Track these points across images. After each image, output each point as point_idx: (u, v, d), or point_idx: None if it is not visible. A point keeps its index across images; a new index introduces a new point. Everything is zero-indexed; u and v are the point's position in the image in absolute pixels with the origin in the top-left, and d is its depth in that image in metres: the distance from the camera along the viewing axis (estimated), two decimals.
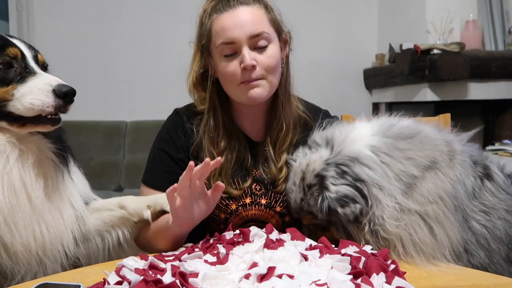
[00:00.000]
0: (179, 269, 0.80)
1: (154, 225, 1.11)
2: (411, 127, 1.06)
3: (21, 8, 3.71)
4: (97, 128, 3.65)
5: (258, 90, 1.11)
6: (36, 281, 0.87)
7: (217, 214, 1.22)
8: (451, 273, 0.91)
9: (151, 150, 1.26)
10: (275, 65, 1.12)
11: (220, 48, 1.10)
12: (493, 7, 3.26)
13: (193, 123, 1.22)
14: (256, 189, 1.22)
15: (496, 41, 3.25)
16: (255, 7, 1.11)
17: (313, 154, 1.06)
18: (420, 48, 2.90)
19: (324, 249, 0.92)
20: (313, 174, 1.03)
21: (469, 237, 0.99)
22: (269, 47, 1.11)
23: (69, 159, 1.11)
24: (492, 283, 0.87)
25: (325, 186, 1.00)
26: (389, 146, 1.01)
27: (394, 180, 0.97)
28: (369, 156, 0.99)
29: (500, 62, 2.94)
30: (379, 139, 1.02)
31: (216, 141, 1.18)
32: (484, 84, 3.01)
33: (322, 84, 3.91)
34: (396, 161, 0.99)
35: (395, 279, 0.78)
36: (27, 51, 1.02)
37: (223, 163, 1.17)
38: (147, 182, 1.24)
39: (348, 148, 1.01)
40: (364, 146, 1.00)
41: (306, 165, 1.06)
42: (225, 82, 1.15)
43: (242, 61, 1.08)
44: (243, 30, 1.08)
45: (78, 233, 1.08)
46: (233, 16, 1.09)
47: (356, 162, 0.99)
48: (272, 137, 1.21)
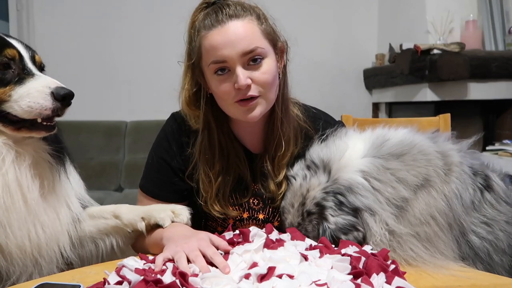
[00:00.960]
0: (179, 269, 0.80)
1: (149, 239, 1.07)
2: (404, 142, 1.05)
3: (21, 8, 3.71)
4: (97, 128, 3.65)
5: (255, 111, 1.05)
6: (35, 281, 0.87)
7: (214, 227, 1.22)
8: (451, 273, 0.91)
9: (149, 155, 1.22)
10: (271, 81, 1.05)
11: (212, 67, 1.04)
12: (493, 7, 3.25)
13: (189, 137, 1.16)
14: (254, 204, 1.19)
15: (496, 41, 3.25)
16: (246, 20, 1.03)
17: (313, 178, 1.05)
18: (420, 48, 2.89)
19: (324, 249, 0.92)
20: (313, 203, 1.03)
21: (467, 251, 0.99)
22: (264, 62, 1.04)
23: (65, 160, 1.11)
24: (492, 283, 0.87)
25: (324, 216, 1.01)
26: (380, 168, 1.01)
27: (386, 205, 0.98)
28: (360, 184, 0.99)
29: (500, 62, 2.94)
30: (369, 162, 1.02)
31: (212, 162, 1.13)
32: (484, 84, 3.01)
33: (322, 84, 3.91)
34: (387, 186, 0.99)
35: (395, 279, 0.78)
36: (25, 52, 1.02)
37: (220, 185, 1.14)
38: (144, 189, 1.22)
39: (343, 175, 1.02)
40: (356, 173, 1.01)
41: (307, 191, 1.05)
42: (220, 101, 1.09)
43: (236, 81, 1.01)
44: (235, 48, 1.00)
45: (74, 234, 1.08)
46: (223, 33, 1.01)
47: (350, 192, 1.00)
48: (270, 152, 1.16)
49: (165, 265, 0.86)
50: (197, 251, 0.87)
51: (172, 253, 0.89)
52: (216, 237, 0.96)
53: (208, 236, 0.95)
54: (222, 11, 1.03)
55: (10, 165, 0.95)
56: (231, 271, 0.83)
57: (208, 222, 1.22)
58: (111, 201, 3.16)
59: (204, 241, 0.91)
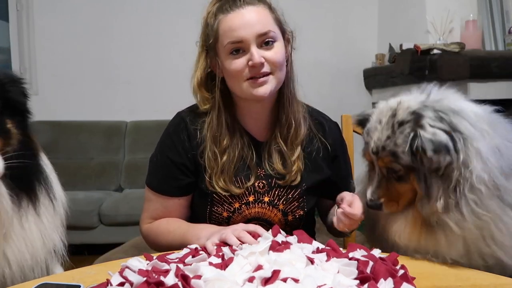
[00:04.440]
0: (181, 272, 0.79)
1: (171, 237, 1.18)
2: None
3: (21, 8, 3.71)
4: (97, 128, 3.65)
5: (265, 87, 1.13)
6: (35, 281, 0.87)
7: (220, 212, 1.22)
8: (451, 273, 0.91)
9: (154, 152, 1.27)
10: (281, 61, 1.15)
11: (228, 47, 1.12)
12: (493, 7, 3.25)
13: (197, 124, 1.23)
14: (259, 187, 1.23)
15: (496, 41, 3.24)
16: (260, 7, 1.14)
17: (405, 96, 1.00)
18: (420, 48, 2.89)
19: (331, 252, 0.90)
20: (408, 111, 0.95)
21: None
22: (275, 45, 1.14)
23: (35, 197, 1.02)
24: (492, 283, 0.87)
25: (421, 124, 0.92)
26: (491, 124, 0.95)
27: (492, 153, 0.89)
28: (472, 113, 0.92)
29: (500, 62, 2.93)
30: (485, 112, 0.97)
31: (219, 139, 1.20)
32: (484, 84, 3.00)
33: (322, 84, 3.91)
34: (497, 136, 0.92)
35: (403, 285, 0.76)
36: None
37: (225, 161, 1.18)
38: (152, 186, 1.25)
39: (450, 100, 0.94)
40: (468, 105, 0.96)
41: (398, 103, 0.99)
42: (231, 79, 1.16)
43: (250, 59, 1.10)
44: (251, 30, 1.10)
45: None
46: (240, 16, 1.11)
47: (457, 115, 0.91)
48: (282, 133, 1.22)
49: (169, 266, 0.85)
50: (240, 230, 1.00)
51: (217, 236, 1.00)
52: (247, 226, 1.04)
53: (241, 226, 1.05)
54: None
55: None
56: (235, 274, 0.82)
57: (214, 208, 1.23)
58: (111, 201, 3.17)
59: (239, 226, 1.04)
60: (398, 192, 1.02)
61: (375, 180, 1.04)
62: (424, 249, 0.98)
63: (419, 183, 0.96)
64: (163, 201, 1.24)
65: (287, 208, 1.23)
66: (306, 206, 1.25)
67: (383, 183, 1.03)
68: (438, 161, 0.90)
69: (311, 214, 1.35)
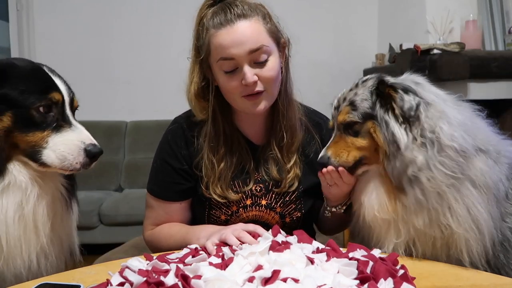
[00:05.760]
0: (181, 272, 0.79)
1: (172, 238, 1.18)
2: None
3: (21, 8, 3.71)
4: (97, 128, 3.63)
5: (261, 105, 1.12)
6: (35, 281, 0.88)
7: (218, 215, 1.22)
8: (451, 273, 0.91)
9: (154, 158, 1.27)
10: (275, 77, 1.12)
11: (220, 63, 1.09)
12: (493, 7, 3.25)
13: (194, 131, 1.21)
14: (257, 190, 1.22)
15: (496, 41, 3.24)
16: (253, 19, 1.09)
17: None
18: (420, 48, 2.89)
19: (331, 252, 0.90)
20: (372, 77, 1.05)
21: (497, 236, 0.97)
22: (269, 60, 1.10)
23: (75, 192, 1.12)
24: (492, 283, 0.87)
25: (383, 80, 1.00)
26: (457, 104, 1.02)
27: (457, 124, 0.95)
28: (438, 93, 0.99)
29: (500, 62, 2.93)
30: (451, 97, 1.03)
31: (216, 149, 1.19)
32: (484, 84, 3.00)
33: (322, 84, 3.90)
34: (463, 113, 0.98)
35: (403, 285, 0.76)
36: (66, 96, 1.00)
37: (223, 168, 1.18)
38: (153, 193, 1.26)
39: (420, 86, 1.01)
40: (436, 90, 1.01)
41: (360, 80, 1.07)
42: (227, 95, 1.15)
43: (243, 78, 1.08)
44: (243, 47, 1.06)
45: (70, 266, 1.08)
46: (231, 33, 1.07)
47: (421, 87, 0.99)
48: (276, 140, 1.22)
49: (169, 266, 0.85)
50: (240, 230, 1.00)
51: (217, 237, 1.00)
52: (247, 226, 1.04)
53: (241, 226, 1.05)
54: (231, 10, 1.08)
55: (31, 198, 0.95)
56: (235, 274, 0.82)
57: (212, 211, 1.23)
58: (111, 201, 3.17)
59: (239, 226, 1.04)
60: (353, 144, 1.04)
61: (330, 141, 1.09)
62: (395, 216, 0.99)
63: (380, 129, 0.98)
64: (165, 206, 1.24)
65: (285, 211, 1.23)
66: (304, 207, 1.25)
67: (338, 141, 1.07)
68: (408, 100, 0.94)
69: (310, 214, 1.34)
